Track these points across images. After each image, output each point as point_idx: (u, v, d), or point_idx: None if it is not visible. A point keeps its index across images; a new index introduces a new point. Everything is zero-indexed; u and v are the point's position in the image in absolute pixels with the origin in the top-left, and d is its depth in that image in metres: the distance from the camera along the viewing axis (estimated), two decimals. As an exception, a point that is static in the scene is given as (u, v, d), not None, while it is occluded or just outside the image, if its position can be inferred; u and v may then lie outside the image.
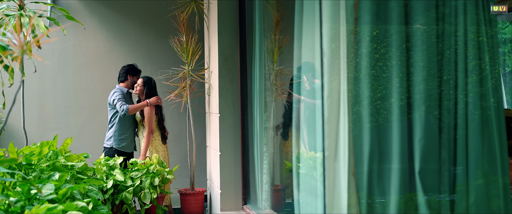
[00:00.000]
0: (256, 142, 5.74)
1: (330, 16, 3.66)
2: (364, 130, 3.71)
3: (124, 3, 7.75)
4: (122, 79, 6.79)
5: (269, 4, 5.69)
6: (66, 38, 7.47)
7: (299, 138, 4.44)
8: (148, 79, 6.68)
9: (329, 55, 3.62)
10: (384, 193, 3.72)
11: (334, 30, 3.64)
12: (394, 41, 3.75)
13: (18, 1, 5.22)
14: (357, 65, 3.72)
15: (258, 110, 5.68)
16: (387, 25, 3.78)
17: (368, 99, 3.71)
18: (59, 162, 4.88)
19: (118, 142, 6.61)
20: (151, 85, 6.65)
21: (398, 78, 3.72)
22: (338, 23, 3.65)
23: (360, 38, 3.73)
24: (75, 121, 7.64)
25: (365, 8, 3.78)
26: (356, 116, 3.71)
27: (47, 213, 3.35)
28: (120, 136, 6.61)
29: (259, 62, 5.64)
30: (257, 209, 5.73)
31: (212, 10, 6.37)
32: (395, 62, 3.73)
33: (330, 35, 3.64)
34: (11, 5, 5.44)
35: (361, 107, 3.72)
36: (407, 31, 3.78)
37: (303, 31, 4.19)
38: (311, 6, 4.03)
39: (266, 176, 5.59)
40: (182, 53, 6.59)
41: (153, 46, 7.79)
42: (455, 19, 3.76)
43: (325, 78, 3.62)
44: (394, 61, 3.73)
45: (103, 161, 6.02)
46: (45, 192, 3.70)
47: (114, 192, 5.89)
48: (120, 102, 6.49)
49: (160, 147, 6.61)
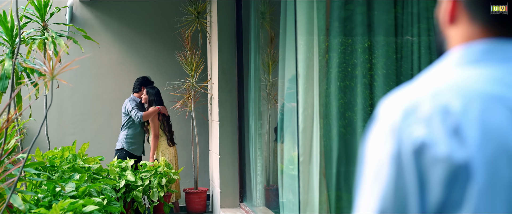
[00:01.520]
0: (251, 146, 6.46)
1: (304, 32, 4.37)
2: (333, 137, 4.42)
3: (135, 19, 8.51)
4: (136, 90, 7.54)
5: (265, 22, 6.41)
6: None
7: (283, 143, 5.17)
8: (151, 88, 7.46)
9: (304, 77, 4.34)
10: (350, 191, 4.42)
11: (308, 57, 4.35)
12: (359, 54, 4.42)
13: (43, 23, 5.98)
14: (328, 81, 4.43)
15: (253, 118, 6.41)
16: (354, 37, 4.43)
17: (336, 110, 4.41)
18: (77, 164, 5.61)
19: (129, 144, 7.35)
20: (153, 94, 7.42)
21: (362, 89, 4.40)
22: (312, 49, 4.37)
23: (330, 58, 4.44)
24: (91, 126, 8.40)
25: (335, 25, 4.46)
26: (326, 126, 4.42)
27: (70, 207, 4.09)
28: (130, 139, 7.36)
29: (254, 75, 6.37)
30: (252, 206, 6.43)
31: (213, 28, 7.09)
32: (359, 74, 4.40)
33: (305, 61, 4.35)
34: (36, 26, 6.21)
35: (330, 117, 4.43)
36: (370, 44, 4.42)
37: (287, 48, 4.90)
38: (290, 22, 4.73)
39: (260, 177, 6.30)
40: (187, 67, 7.34)
41: (162, 59, 8.54)
42: (411, 29, 4.32)
43: (300, 96, 4.34)
44: (359, 73, 4.41)
45: (116, 163, 6.77)
46: (67, 190, 4.45)
47: (126, 190, 6.63)
48: (134, 111, 7.25)
49: (167, 150, 7.37)
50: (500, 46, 1.10)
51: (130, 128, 7.36)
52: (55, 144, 7.62)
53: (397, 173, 1.03)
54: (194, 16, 7.34)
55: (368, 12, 4.42)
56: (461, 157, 0.98)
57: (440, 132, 1.00)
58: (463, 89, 1.04)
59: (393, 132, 1.04)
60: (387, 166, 1.04)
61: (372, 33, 4.39)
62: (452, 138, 0.99)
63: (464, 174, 0.98)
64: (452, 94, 1.04)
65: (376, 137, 1.07)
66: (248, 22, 6.58)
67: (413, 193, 1.01)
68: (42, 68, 3.67)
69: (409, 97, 1.07)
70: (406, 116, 1.04)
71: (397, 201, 1.03)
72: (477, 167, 0.98)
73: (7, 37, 4.95)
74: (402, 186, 1.02)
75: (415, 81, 1.11)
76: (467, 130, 0.99)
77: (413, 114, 1.04)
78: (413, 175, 1.01)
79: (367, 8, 4.44)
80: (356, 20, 4.44)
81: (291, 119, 4.72)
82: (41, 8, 5.88)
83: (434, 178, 0.99)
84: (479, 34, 1.12)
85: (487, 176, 0.98)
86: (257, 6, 6.41)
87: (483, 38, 1.12)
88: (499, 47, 1.10)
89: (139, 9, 8.51)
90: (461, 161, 0.98)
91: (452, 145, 0.99)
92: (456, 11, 1.14)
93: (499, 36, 1.12)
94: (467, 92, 1.04)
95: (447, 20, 1.16)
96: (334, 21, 4.45)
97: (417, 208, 1.02)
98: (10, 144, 4.10)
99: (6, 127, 3.50)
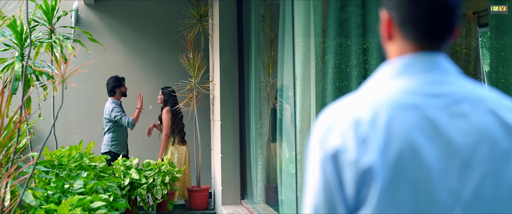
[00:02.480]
0: (252, 145, 6.67)
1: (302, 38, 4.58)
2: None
3: (139, 22, 8.73)
4: (112, 94, 7.78)
5: (265, 25, 6.61)
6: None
7: (282, 142, 5.37)
8: (165, 88, 7.81)
9: (301, 79, 4.55)
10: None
11: (305, 61, 4.56)
12: (354, 54, 4.63)
13: (50, 26, 6.19)
14: (324, 80, 4.63)
15: (253, 118, 6.62)
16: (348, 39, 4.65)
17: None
18: (84, 162, 5.82)
19: (115, 146, 7.65)
20: (167, 94, 7.74)
21: (355, 89, 4.62)
22: (309, 54, 4.57)
23: (326, 60, 4.65)
24: (95, 125, 8.62)
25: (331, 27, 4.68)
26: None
27: (79, 203, 4.30)
28: (116, 141, 7.65)
29: (254, 77, 6.58)
30: (252, 203, 6.64)
31: (215, 31, 7.30)
32: (355, 74, 4.61)
33: (303, 63, 4.56)
34: (43, 29, 6.42)
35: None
36: (364, 45, 4.64)
37: (285, 51, 5.11)
38: (288, 25, 4.93)
39: (260, 175, 6.51)
40: (189, 68, 7.55)
41: (165, 60, 8.75)
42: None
43: (297, 98, 4.55)
44: (354, 73, 4.62)
45: (121, 162, 6.98)
46: (76, 187, 4.67)
47: (130, 188, 6.84)
48: (124, 118, 7.56)
49: (176, 149, 7.63)
50: (422, 59, 1.34)
51: (115, 131, 7.64)
52: (61, 143, 7.83)
53: (323, 174, 1.27)
54: (197, 19, 7.55)
55: (364, 14, 4.63)
56: (366, 161, 1.24)
57: (351, 141, 1.26)
58: (377, 102, 1.29)
59: (320, 142, 1.29)
60: (317, 169, 1.28)
61: (369, 35, 4.61)
62: (360, 146, 1.25)
63: (368, 176, 1.23)
64: (366, 107, 1.28)
65: (310, 146, 1.32)
66: (249, 24, 6.78)
67: (336, 190, 1.26)
68: (53, 72, 3.88)
69: (334, 111, 1.32)
70: (328, 128, 1.29)
71: (325, 197, 1.27)
72: (379, 169, 1.22)
73: (16, 41, 5.15)
74: (327, 184, 1.27)
75: (354, 93, 1.36)
76: (373, 138, 1.25)
77: (333, 127, 1.29)
78: (333, 175, 1.27)
79: (362, 10, 4.66)
80: (353, 22, 4.65)
81: (290, 119, 4.92)
82: (48, 12, 6.08)
83: (347, 178, 1.25)
84: (410, 48, 1.36)
85: (389, 176, 1.23)
86: (257, 9, 6.61)
87: (412, 52, 1.35)
88: (420, 60, 1.34)
89: (143, 11, 8.73)
90: (366, 165, 1.23)
91: (359, 151, 1.24)
92: (392, 30, 1.37)
93: (426, 50, 1.34)
94: (378, 104, 1.28)
95: (386, 37, 1.39)
96: (331, 23, 4.66)
97: (341, 203, 1.26)
98: (21, 143, 4.31)
99: (18, 127, 3.70)
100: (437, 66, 1.33)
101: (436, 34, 1.34)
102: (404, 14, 1.34)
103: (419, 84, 1.31)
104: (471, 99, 1.31)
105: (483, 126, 1.28)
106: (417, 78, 1.32)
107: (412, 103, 1.28)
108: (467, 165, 1.26)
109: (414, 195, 1.23)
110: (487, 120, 1.29)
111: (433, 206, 1.24)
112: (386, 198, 1.22)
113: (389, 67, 1.36)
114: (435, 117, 1.27)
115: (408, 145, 1.24)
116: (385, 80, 1.34)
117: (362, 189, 1.23)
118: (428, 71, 1.32)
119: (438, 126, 1.26)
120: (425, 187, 1.23)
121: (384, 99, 1.29)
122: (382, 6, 1.39)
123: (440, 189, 1.24)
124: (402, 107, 1.27)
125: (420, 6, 1.32)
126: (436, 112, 1.27)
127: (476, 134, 1.27)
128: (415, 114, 1.27)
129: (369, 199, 1.23)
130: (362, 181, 1.23)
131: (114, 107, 7.65)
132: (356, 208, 1.25)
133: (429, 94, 1.29)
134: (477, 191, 1.26)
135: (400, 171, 1.23)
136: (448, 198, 1.25)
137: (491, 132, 1.28)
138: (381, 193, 1.22)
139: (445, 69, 1.33)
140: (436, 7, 1.32)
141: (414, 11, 1.33)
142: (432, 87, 1.30)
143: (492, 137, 1.28)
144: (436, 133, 1.26)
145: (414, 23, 1.34)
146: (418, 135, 1.25)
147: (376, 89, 1.33)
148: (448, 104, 1.29)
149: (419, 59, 1.34)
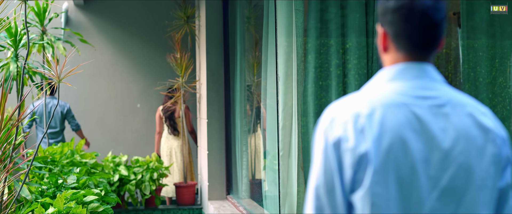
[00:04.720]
0: (237, 142, 6.90)
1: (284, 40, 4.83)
2: (310, 134, 4.88)
3: (128, 23, 8.95)
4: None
5: (250, 26, 6.86)
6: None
7: (266, 139, 5.62)
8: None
9: (284, 78, 4.81)
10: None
11: (288, 61, 4.81)
12: (334, 54, 4.88)
13: (42, 27, 6.39)
14: (306, 79, 4.88)
15: (239, 116, 6.86)
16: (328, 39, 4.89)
17: (313, 108, 4.87)
18: (76, 159, 6.04)
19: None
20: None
21: (336, 88, 4.86)
22: (291, 54, 4.82)
23: (307, 63, 4.90)
24: (85, 123, 8.81)
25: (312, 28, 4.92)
26: (304, 123, 4.89)
27: (73, 197, 4.51)
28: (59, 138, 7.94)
29: (240, 76, 6.82)
30: (238, 198, 6.86)
31: (201, 32, 7.52)
32: (337, 74, 4.86)
33: (285, 63, 4.81)
34: (35, 30, 6.62)
35: (308, 115, 4.89)
36: (346, 45, 4.88)
37: (268, 52, 5.36)
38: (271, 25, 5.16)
39: (245, 171, 6.75)
40: (177, 68, 7.78)
41: (153, 60, 8.97)
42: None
43: (280, 96, 4.80)
44: (336, 73, 4.87)
45: (110, 158, 7.20)
46: (69, 182, 4.89)
47: (120, 184, 7.05)
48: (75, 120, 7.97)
49: (168, 141, 7.95)
50: (413, 67, 1.63)
51: (62, 130, 7.94)
52: (52, 140, 8.04)
53: (326, 160, 1.56)
54: (184, 20, 7.79)
55: (343, 15, 4.89)
56: (363, 148, 1.53)
57: (351, 131, 1.55)
58: (374, 100, 1.59)
59: (324, 132, 1.58)
60: (320, 155, 1.57)
61: (350, 35, 4.87)
62: (358, 135, 1.54)
63: (364, 160, 1.52)
64: (365, 104, 1.58)
65: (316, 136, 1.61)
66: (234, 26, 7.00)
67: (336, 173, 1.56)
68: (50, 73, 4.10)
69: (337, 107, 1.60)
70: (332, 121, 1.58)
71: (326, 179, 1.55)
72: (373, 155, 1.51)
73: (11, 42, 5.35)
74: (328, 168, 1.56)
75: (354, 93, 1.65)
76: (369, 129, 1.53)
77: (336, 120, 1.57)
78: (334, 160, 1.55)
79: (342, 10, 4.91)
80: (334, 23, 4.90)
81: (273, 117, 5.16)
82: (40, 14, 6.29)
83: (347, 162, 1.54)
84: (403, 59, 1.65)
85: (381, 161, 1.52)
86: (242, 11, 6.85)
87: (404, 62, 1.63)
88: (412, 68, 1.63)
89: (131, 12, 8.95)
90: (362, 151, 1.53)
91: (358, 140, 1.53)
92: (387, 42, 1.65)
93: (416, 60, 1.62)
94: (375, 102, 1.58)
95: (382, 49, 1.67)
96: (312, 23, 4.91)
97: (338, 185, 1.54)
98: (18, 140, 4.53)
99: (16, 125, 3.92)
100: (426, 74, 1.60)
101: (425, 46, 1.61)
102: (397, 30, 1.60)
103: (410, 88, 1.59)
104: (453, 103, 1.59)
105: (462, 126, 1.56)
106: (408, 83, 1.59)
107: (403, 103, 1.56)
108: (446, 157, 1.54)
109: (400, 178, 1.52)
110: (465, 121, 1.57)
111: (415, 190, 1.52)
112: (377, 179, 1.50)
113: (385, 73, 1.64)
114: (422, 115, 1.55)
115: (398, 137, 1.52)
116: (381, 83, 1.62)
117: (358, 172, 1.51)
118: (418, 78, 1.60)
119: (424, 123, 1.54)
120: (410, 172, 1.51)
121: (380, 98, 1.57)
122: (378, 22, 1.66)
123: (422, 175, 1.52)
124: (394, 105, 1.55)
125: (411, 23, 1.58)
126: (423, 111, 1.55)
127: (455, 132, 1.55)
128: (405, 112, 1.55)
129: (364, 180, 1.50)
130: (358, 165, 1.51)
131: None
132: (351, 190, 1.53)
133: (418, 96, 1.57)
134: (452, 180, 1.54)
135: (390, 157, 1.51)
136: (428, 184, 1.53)
137: (468, 131, 1.56)
138: (374, 174, 1.49)
139: (432, 77, 1.60)
140: (424, 23, 1.58)
141: (406, 26, 1.59)
142: (421, 91, 1.58)
143: (469, 135, 1.56)
144: (422, 128, 1.54)
145: (406, 37, 1.60)
146: (407, 129, 1.53)
147: (374, 90, 1.61)
148: (433, 106, 1.57)
149: (411, 67, 1.61)
